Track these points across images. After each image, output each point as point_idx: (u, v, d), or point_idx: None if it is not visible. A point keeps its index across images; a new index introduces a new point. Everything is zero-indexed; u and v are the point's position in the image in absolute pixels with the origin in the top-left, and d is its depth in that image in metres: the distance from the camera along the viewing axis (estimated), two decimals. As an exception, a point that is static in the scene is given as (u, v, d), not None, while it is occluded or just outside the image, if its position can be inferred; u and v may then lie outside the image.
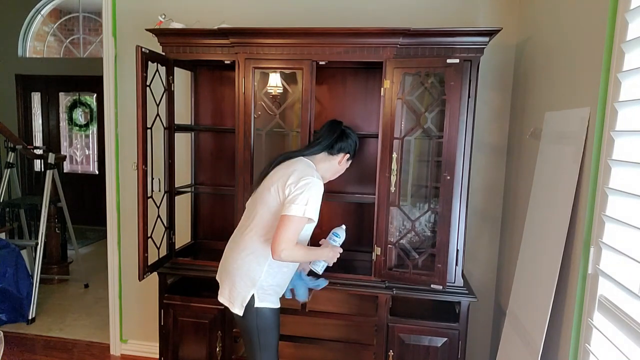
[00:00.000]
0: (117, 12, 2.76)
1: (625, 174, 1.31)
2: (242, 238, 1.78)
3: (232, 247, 1.82)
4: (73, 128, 6.43)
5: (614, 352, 1.25)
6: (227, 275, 1.78)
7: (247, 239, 1.76)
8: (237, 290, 1.75)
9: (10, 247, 3.42)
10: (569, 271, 1.54)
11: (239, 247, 1.78)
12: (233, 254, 1.79)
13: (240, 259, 1.75)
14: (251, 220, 1.78)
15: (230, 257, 1.79)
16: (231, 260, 1.78)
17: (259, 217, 1.75)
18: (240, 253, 1.76)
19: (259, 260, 1.74)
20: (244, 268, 1.74)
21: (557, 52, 1.82)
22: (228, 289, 1.78)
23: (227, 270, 1.79)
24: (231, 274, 1.77)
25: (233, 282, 1.76)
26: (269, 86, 2.38)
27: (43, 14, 6.04)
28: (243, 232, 1.79)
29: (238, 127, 2.22)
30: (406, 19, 2.36)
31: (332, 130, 1.90)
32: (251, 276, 1.73)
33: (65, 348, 3.09)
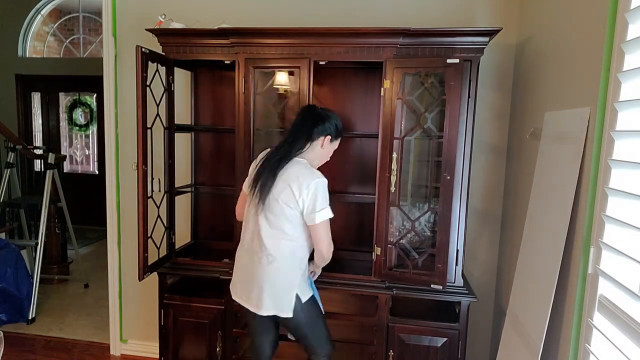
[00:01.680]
0: (117, 12, 2.76)
1: (625, 174, 1.31)
2: (268, 250, 1.80)
3: (258, 260, 1.82)
4: (73, 128, 6.43)
5: (614, 352, 1.25)
6: (265, 287, 1.80)
7: (275, 251, 1.80)
8: (281, 297, 1.80)
9: (10, 247, 3.41)
10: (569, 271, 1.54)
11: (269, 259, 1.80)
12: (264, 267, 1.80)
13: (274, 269, 1.80)
14: (274, 231, 1.80)
15: (263, 272, 1.80)
16: (265, 275, 1.80)
17: (281, 229, 1.79)
18: (273, 264, 1.80)
19: (293, 266, 1.83)
20: (283, 277, 1.81)
21: (557, 52, 1.82)
22: (271, 300, 1.80)
23: (265, 283, 1.80)
24: (271, 285, 1.80)
25: (276, 292, 1.80)
26: (276, 84, 2.38)
27: (43, 14, 6.03)
28: (265, 243, 1.80)
29: (238, 127, 2.22)
30: (406, 19, 2.36)
31: (305, 118, 1.88)
32: (290, 281, 1.82)
33: (65, 348, 3.09)
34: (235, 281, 1.94)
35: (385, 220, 2.11)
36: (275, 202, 1.77)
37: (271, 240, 1.79)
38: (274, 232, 1.79)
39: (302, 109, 1.94)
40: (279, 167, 1.79)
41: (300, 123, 1.87)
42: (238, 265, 1.93)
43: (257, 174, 1.83)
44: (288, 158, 1.81)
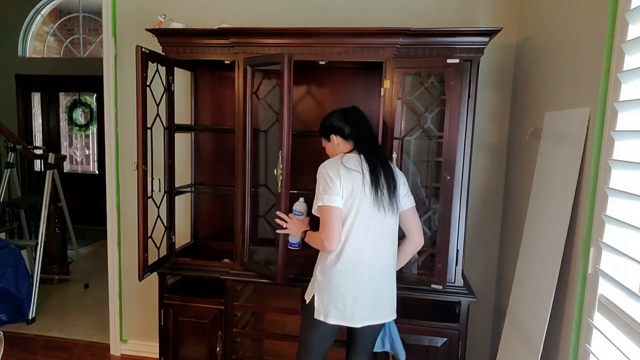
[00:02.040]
0: (117, 12, 2.76)
1: (625, 174, 1.31)
2: (394, 254, 1.88)
3: (387, 267, 1.84)
4: (73, 128, 6.43)
5: (614, 352, 1.25)
6: (387, 291, 1.84)
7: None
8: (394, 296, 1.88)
9: (10, 247, 3.41)
10: (569, 271, 1.54)
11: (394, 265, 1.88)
12: (391, 274, 1.87)
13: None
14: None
15: (391, 278, 1.86)
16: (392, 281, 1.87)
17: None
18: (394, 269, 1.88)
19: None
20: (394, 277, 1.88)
21: (557, 52, 1.82)
22: (386, 304, 1.84)
23: (387, 287, 1.85)
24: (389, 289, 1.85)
25: (393, 293, 1.87)
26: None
27: (43, 14, 6.03)
28: (392, 247, 1.86)
29: (238, 127, 2.22)
30: (406, 19, 2.36)
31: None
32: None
33: (65, 348, 3.09)
34: (358, 304, 1.76)
35: (385, 220, 2.11)
36: (397, 199, 1.82)
37: (396, 242, 1.86)
38: (396, 231, 1.86)
39: (360, 111, 1.93)
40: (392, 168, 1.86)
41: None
42: (358, 284, 1.76)
43: (375, 181, 1.77)
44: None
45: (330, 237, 1.72)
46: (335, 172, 1.74)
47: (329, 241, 1.72)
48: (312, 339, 1.85)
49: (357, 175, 1.75)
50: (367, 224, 1.75)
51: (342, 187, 1.73)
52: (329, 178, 1.74)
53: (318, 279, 1.79)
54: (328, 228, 1.72)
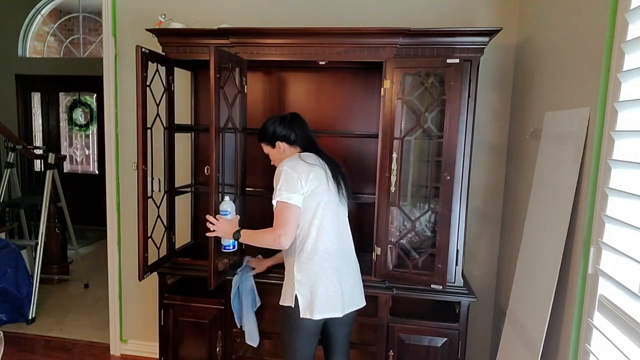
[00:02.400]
0: (117, 12, 2.76)
1: (625, 174, 1.31)
2: (351, 243, 1.95)
3: (352, 257, 1.93)
4: (73, 128, 6.43)
5: (614, 352, 1.25)
6: (358, 278, 1.93)
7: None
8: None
9: (10, 247, 3.41)
10: (569, 271, 1.54)
11: (353, 252, 1.95)
12: (355, 261, 1.94)
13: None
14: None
15: (357, 266, 1.94)
16: (358, 268, 1.95)
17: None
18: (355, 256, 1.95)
19: None
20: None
21: (557, 52, 1.82)
22: (360, 290, 1.92)
23: (359, 276, 1.93)
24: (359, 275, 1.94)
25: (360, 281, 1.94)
26: None
27: (43, 14, 6.03)
28: (350, 238, 1.95)
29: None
30: (406, 19, 2.36)
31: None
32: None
33: (65, 348, 3.09)
34: (340, 292, 1.79)
35: (385, 220, 2.11)
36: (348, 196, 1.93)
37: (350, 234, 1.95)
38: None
39: (300, 117, 1.99)
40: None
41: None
42: (337, 273, 1.80)
43: (335, 175, 1.87)
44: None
45: (288, 234, 1.72)
46: (297, 169, 1.76)
47: (286, 238, 1.72)
48: (298, 342, 1.81)
49: (319, 170, 1.81)
50: (335, 215, 1.83)
51: (305, 182, 1.75)
52: (289, 175, 1.75)
53: (297, 278, 1.77)
54: (286, 225, 1.71)
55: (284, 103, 2.56)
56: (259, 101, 2.56)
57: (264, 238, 1.79)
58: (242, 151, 2.26)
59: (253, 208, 2.41)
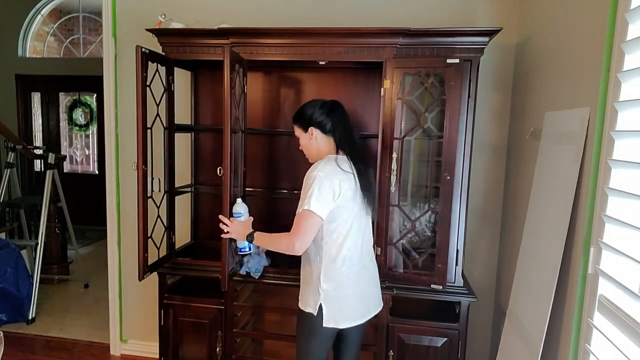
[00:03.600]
0: (117, 12, 2.76)
1: (625, 174, 1.31)
2: (373, 254, 1.92)
3: (372, 265, 1.89)
4: (73, 128, 6.43)
5: (614, 352, 1.25)
6: (376, 280, 1.91)
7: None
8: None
9: (10, 247, 3.41)
10: (569, 271, 1.54)
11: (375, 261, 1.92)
12: (375, 269, 1.92)
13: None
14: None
15: (376, 273, 1.92)
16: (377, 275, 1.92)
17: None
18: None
19: None
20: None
21: (557, 52, 1.82)
22: (378, 292, 1.91)
23: (376, 276, 1.91)
24: (377, 277, 1.92)
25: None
26: None
27: (43, 14, 6.03)
28: (371, 247, 1.91)
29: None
30: (406, 19, 2.36)
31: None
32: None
33: (65, 348, 3.09)
34: (364, 300, 1.81)
35: (385, 220, 2.11)
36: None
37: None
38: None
39: (342, 106, 1.85)
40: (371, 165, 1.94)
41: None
42: (361, 281, 1.79)
43: (363, 184, 1.76)
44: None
45: (305, 242, 1.66)
46: (331, 177, 1.67)
47: (301, 247, 1.66)
48: (315, 347, 1.77)
49: (351, 178, 1.74)
50: (360, 225, 1.79)
51: (338, 193, 1.68)
52: (323, 184, 1.65)
53: (323, 287, 1.71)
54: (305, 233, 1.65)
55: (284, 103, 2.56)
56: (258, 101, 2.56)
57: (278, 242, 1.73)
58: (244, 152, 2.26)
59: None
